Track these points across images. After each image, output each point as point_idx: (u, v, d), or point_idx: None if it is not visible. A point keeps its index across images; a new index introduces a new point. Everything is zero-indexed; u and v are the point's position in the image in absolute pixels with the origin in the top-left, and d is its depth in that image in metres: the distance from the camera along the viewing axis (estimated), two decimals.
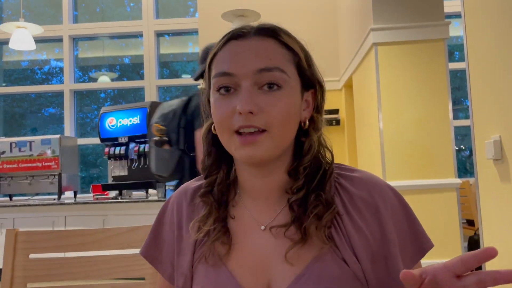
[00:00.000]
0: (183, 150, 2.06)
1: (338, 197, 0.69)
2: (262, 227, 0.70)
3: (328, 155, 0.71)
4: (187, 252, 0.72)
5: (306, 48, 0.72)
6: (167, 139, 2.07)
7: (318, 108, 0.72)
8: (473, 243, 3.72)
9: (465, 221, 4.05)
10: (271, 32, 0.68)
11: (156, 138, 2.11)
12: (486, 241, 1.96)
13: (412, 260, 0.69)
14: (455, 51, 5.77)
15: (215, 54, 0.70)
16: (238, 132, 0.65)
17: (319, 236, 0.65)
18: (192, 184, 0.78)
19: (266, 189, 0.71)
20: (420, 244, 0.70)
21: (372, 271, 0.65)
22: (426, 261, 0.66)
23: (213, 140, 0.73)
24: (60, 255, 1.19)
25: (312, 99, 0.72)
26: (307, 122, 0.71)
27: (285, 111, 0.65)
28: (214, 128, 0.70)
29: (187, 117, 2.07)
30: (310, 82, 0.71)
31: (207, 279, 0.69)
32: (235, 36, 0.68)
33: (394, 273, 0.66)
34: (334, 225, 0.67)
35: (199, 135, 1.84)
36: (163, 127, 2.10)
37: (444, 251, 2.27)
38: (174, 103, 2.19)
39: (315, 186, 0.68)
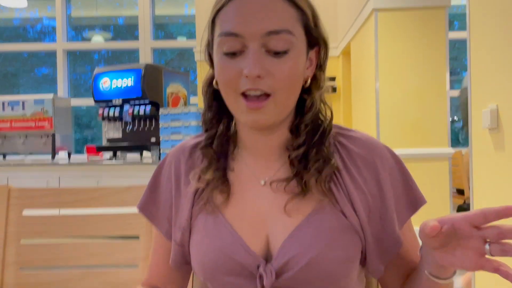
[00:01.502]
0: None
1: (337, 154, 0.70)
2: (262, 182, 0.71)
3: (328, 112, 0.71)
4: (185, 206, 0.73)
5: (313, 5, 0.70)
6: None
7: (321, 66, 0.72)
8: (462, 211, 3.78)
9: (455, 190, 4.11)
10: None
11: None
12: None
13: (404, 214, 0.71)
14: (455, 20, 5.69)
15: (220, 9, 0.67)
16: (243, 94, 0.65)
17: (319, 190, 0.67)
18: (189, 141, 0.78)
19: (267, 146, 0.72)
20: (414, 199, 0.72)
21: (368, 224, 0.68)
22: (416, 228, 0.68)
23: (214, 94, 0.72)
24: (54, 212, 1.19)
25: (315, 57, 0.71)
26: (309, 81, 0.70)
27: (291, 74, 0.65)
28: (216, 83, 0.70)
29: None
30: (316, 41, 0.70)
31: (205, 227, 0.70)
32: None
33: (388, 226, 0.69)
34: (333, 180, 0.68)
35: None
36: None
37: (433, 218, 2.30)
38: None
39: (315, 142, 0.69)
